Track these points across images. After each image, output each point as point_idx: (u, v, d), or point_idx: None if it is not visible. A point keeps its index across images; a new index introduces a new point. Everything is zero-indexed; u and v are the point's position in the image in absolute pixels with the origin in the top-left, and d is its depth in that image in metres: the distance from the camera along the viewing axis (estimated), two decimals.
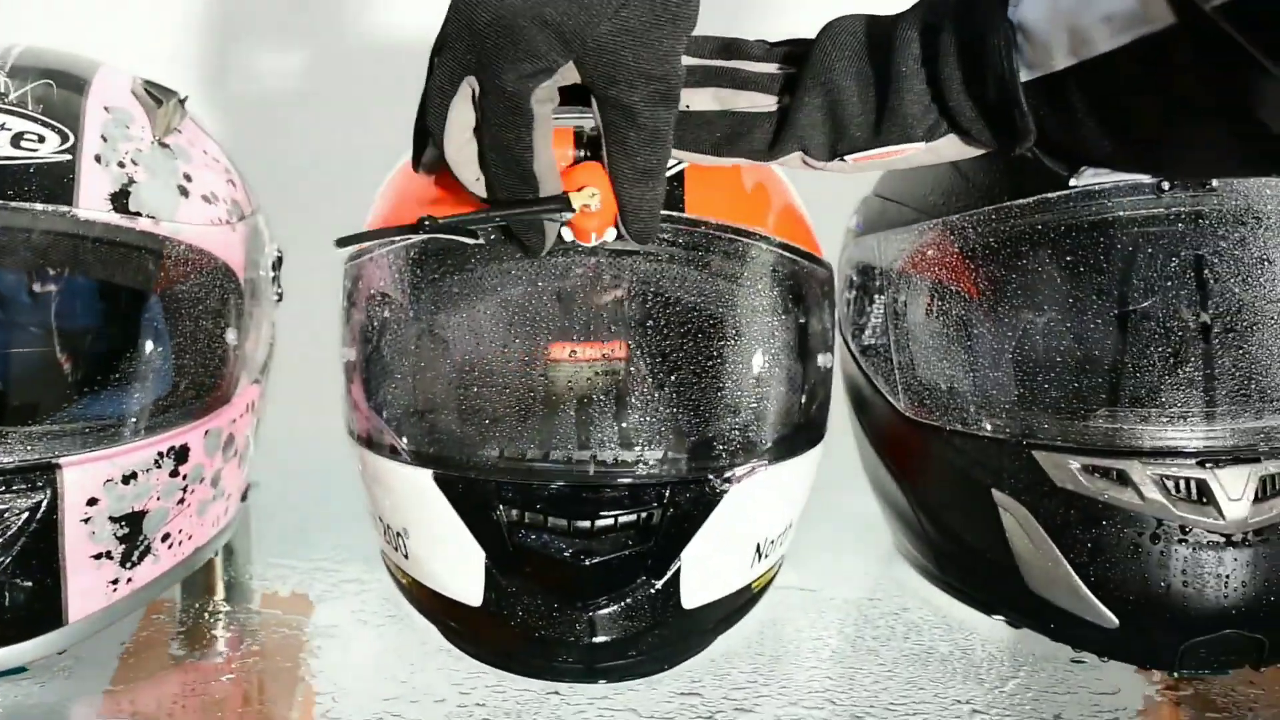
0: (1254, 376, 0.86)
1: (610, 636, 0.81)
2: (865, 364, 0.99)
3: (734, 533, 0.85)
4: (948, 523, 0.94)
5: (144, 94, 0.90)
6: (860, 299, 0.99)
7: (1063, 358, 0.88)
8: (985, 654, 0.91)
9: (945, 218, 0.92)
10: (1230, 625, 0.83)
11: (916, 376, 0.94)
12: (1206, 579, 0.83)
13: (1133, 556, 0.84)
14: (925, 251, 0.94)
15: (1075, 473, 0.86)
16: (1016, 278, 0.90)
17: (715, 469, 0.84)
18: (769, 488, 0.86)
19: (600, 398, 0.86)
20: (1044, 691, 0.85)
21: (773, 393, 0.87)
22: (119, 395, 0.84)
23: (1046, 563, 0.87)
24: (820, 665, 0.89)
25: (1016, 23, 0.70)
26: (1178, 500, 0.84)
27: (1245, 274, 0.87)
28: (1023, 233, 0.89)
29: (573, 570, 0.81)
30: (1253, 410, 0.86)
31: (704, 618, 0.85)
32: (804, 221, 0.94)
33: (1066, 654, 0.89)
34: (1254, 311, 0.87)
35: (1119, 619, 0.85)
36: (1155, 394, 0.86)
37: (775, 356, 0.88)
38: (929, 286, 0.93)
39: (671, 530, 0.82)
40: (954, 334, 0.92)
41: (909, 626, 0.94)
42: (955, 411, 0.91)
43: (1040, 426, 0.88)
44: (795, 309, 0.89)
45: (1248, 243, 0.87)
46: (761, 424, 0.87)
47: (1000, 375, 0.90)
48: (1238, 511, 0.83)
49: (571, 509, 0.82)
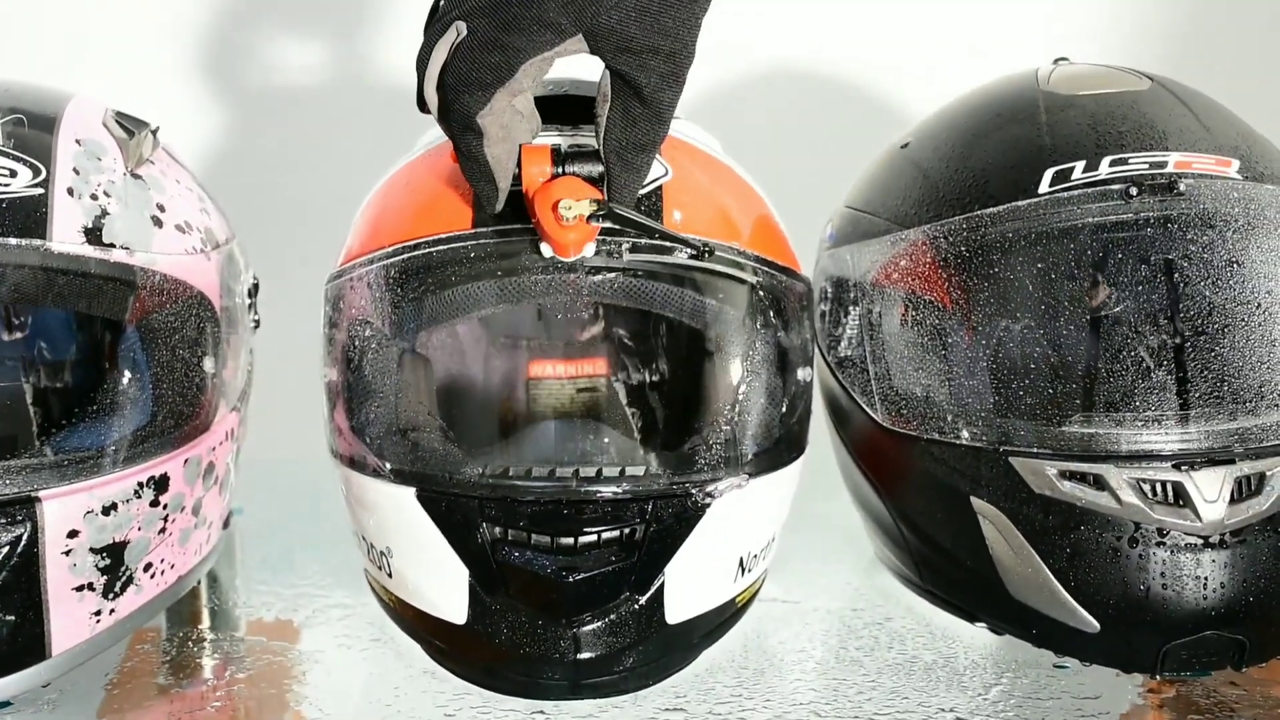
0: (1226, 378, 0.87)
1: (595, 653, 0.81)
2: (842, 376, 0.99)
3: (717, 547, 0.85)
4: (928, 531, 0.95)
5: (115, 125, 0.90)
6: (835, 311, 1.00)
7: (1037, 364, 0.89)
8: (968, 661, 0.91)
9: (917, 228, 0.93)
10: (1210, 627, 0.84)
11: (893, 387, 0.94)
12: (1185, 581, 0.84)
13: (1111, 560, 0.85)
14: (898, 262, 0.94)
15: (1052, 478, 0.86)
16: (989, 286, 0.90)
17: (697, 484, 0.84)
18: (751, 501, 0.87)
19: (581, 414, 0.87)
20: (1027, 698, 0.86)
21: (753, 407, 0.88)
22: (97, 427, 0.84)
23: (1026, 569, 0.87)
24: (804, 677, 0.89)
25: None
26: (1154, 503, 0.85)
27: (1215, 277, 0.88)
28: (994, 241, 0.90)
29: (556, 587, 0.81)
30: (1226, 412, 0.87)
31: (688, 633, 0.85)
32: (781, 235, 0.95)
33: (1049, 660, 0.90)
34: (1224, 314, 0.88)
35: (1099, 623, 0.85)
36: (1129, 398, 0.87)
37: (755, 371, 0.88)
38: (902, 297, 0.94)
39: (655, 546, 0.82)
40: (929, 344, 0.92)
41: (892, 636, 0.95)
42: (932, 420, 0.91)
43: (1016, 433, 0.88)
44: (774, 323, 0.89)
45: (1216, 246, 0.88)
46: (742, 438, 0.87)
47: (975, 383, 0.90)
48: (1214, 513, 0.84)
49: (554, 525, 0.82)
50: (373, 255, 0.88)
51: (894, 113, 1.48)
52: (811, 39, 1.55)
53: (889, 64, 1.53)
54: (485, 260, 0.84)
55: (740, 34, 1.51)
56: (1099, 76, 0.99)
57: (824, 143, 1.50)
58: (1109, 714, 0.85)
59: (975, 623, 0.93)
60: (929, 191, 0.94)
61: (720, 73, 1.50)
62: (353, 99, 1.49)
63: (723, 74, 1.51)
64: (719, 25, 1.48)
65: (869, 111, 1.53)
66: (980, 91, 1.02)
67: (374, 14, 1.51)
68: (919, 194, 0.95)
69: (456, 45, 0.76)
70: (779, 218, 0.96)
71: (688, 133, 0.95)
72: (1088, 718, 0.84)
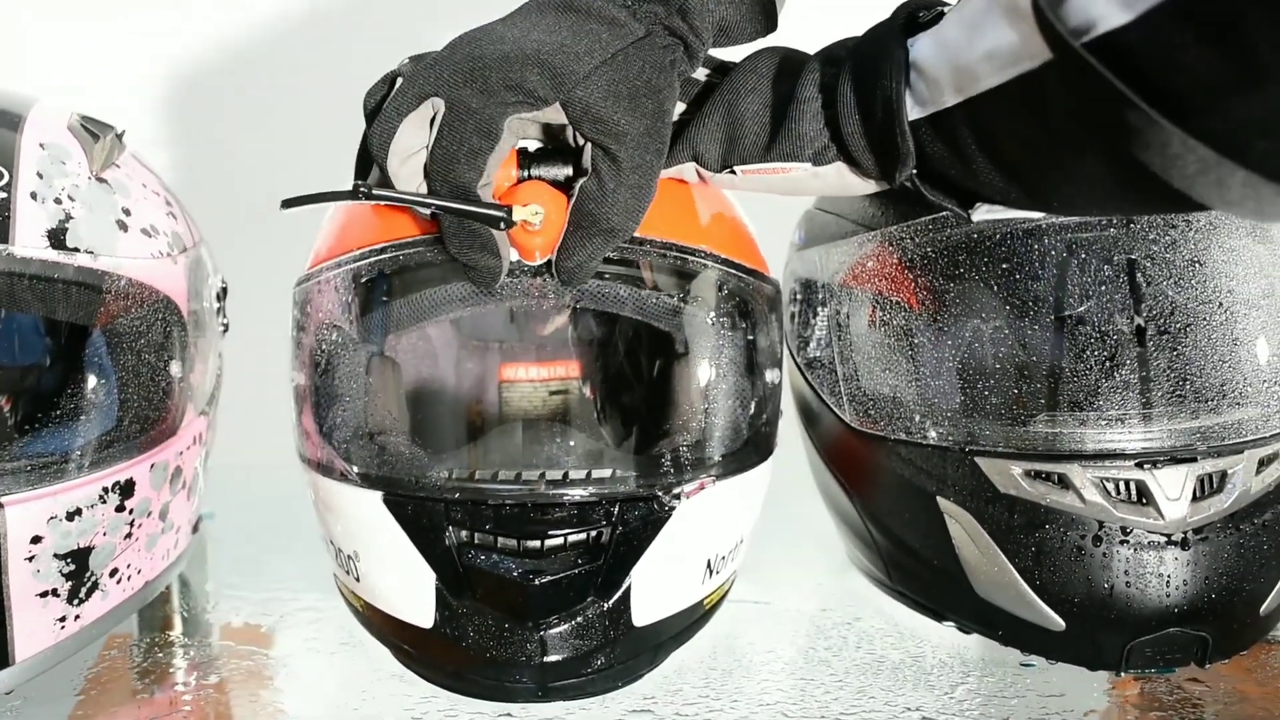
0: (1189, 377, 0.87)
1: (561, 655, 0.81)
2: (811, 377, 0.99)
3: (684, 549, 0.85)
4: (896, 531, 0.95)
5: (80, 129, 0.90)
6: (804, 312, 1.00)
7: (1002, 364, 0.89)
8: (936, 660, 0.92)
9: (883, 229, 0.93)
10: (1173, 624, 0.84)
11: (861, 388, 0.95)
12: (1149, 579, 0.84)
13: (1076, 559, 0.85)
14: (865, 263, 0.95)
15: (1017, 478, 0.87)
16: (955, 287, 0.91)
17: (664, 486, 0.84)
18: (719, 503, 0.87)
19: (548, 417, 0.87)
20: (993, 696, 0.86)
21: (721, 409, 0.88)
22: (62, 432, 0.84)
23: (992, 568, 0.88)
24: (772, 678, 0.89)
25: (912, 61, 0.74)
26: (1118, 502, 0.85)
27: (1177, 276, 0.89)
28: (959, 242, 0.90)
29: (522, 590, 0.81)
30: (1189, 410, 0.87)
31: (656, 635, 0.85)
32: (749, 238, 0.95)
33: (1016, 658, 0.90)
34: (1187, 313, 0.88)
35: (1065, 621, 0.86)
36: (1093, 397, 0.87)
37: (723, 373, 0.88)
38: (870, 298, 0.94)
39: (621, 548, 0.82)
40: (896, 344, 0.93)
41: (861, 636, 0.95)
42: (899, 421, 0.92)
43: (982, 433, 0.89)
44: (742, 325, 0.90)
45: (1179, 245, 0.89)
46: (710, 440, 0.87)
47: (942, 384, 0.91)
48: (1177, 511, 0.84)
49: (520, 529, 0.82)
50: (339, 259, 0.88)
51: None
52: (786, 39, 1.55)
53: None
54: (451, 264, 0.84)
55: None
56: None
57: None
58: (1074, 711, 0.85)
59: (943, 622, 0.94)
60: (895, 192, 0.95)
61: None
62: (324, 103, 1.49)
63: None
64: None
65: None
66: None
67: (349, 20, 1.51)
68: (885, 195, 0.95)
69: (440, 122, 0.77)
70: (747, 220, 0.96)
71: None
72: (1053, 716, 0.84)
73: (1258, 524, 0.86)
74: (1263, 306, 0.90)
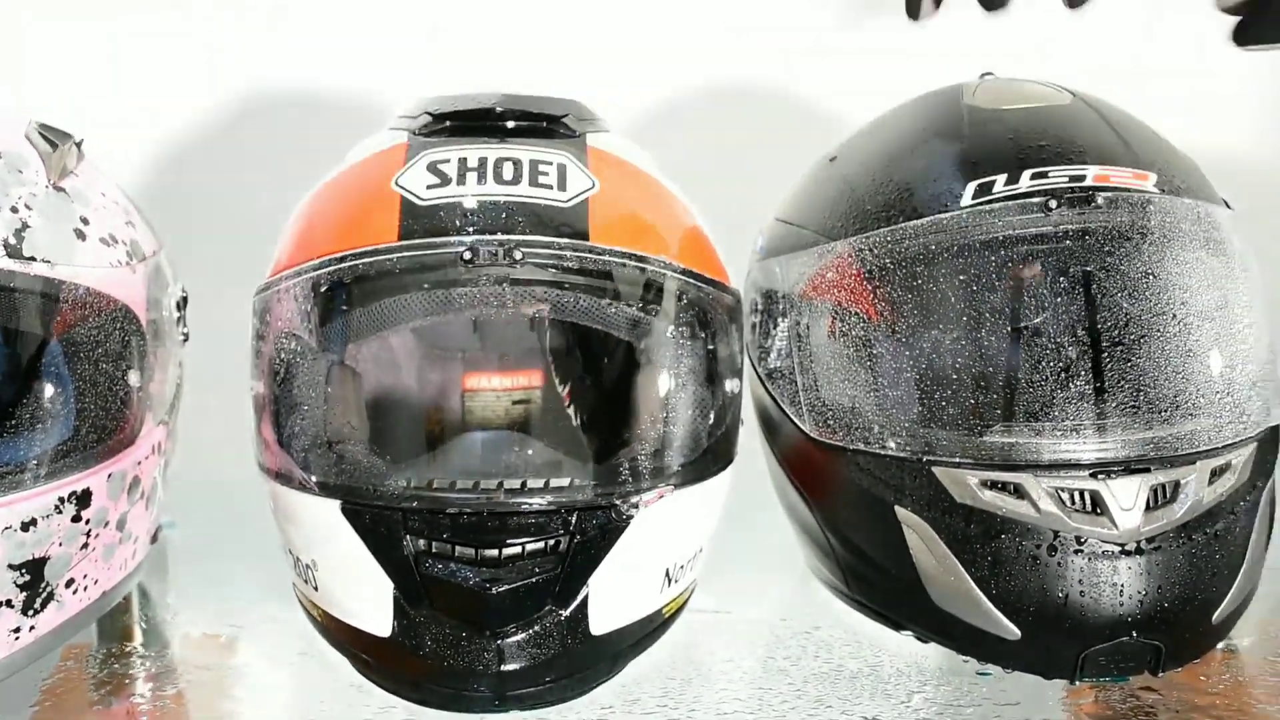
0: (1142, 388, 0.88)
1: (519, 664, 0.82)
2: (771, 387, 1.00)
3: (642, 558, 0.86)
4: (854, 541, 0.96)
5: (38, 138, 0.90)
6: (765, 322, 1.01)
7: (959, 375, 0.90)
8: (893, 669, 0.92)
9: (843, 240, 0.94)
10: (1127, 632, 0.85)
11: (820, 398, 0.95)
12: (1102, 588, 0.85)
13: (1031, 568, 0.86)
14: (824, 274, 0.95)
15: (974, 488, 0.88)
16: (912, 298, 0.91)
17: (622, 495, 0.84)
18: (677, 512, 0.87)
19: (506, 426, 0.87)
20: (948, 705, 0.87)
21: (680, 418, 0.88)
22: (17, 442, 0.83)
23: (949, 577, 0.88)
24: (730, 687, 0.90)
25: None
26: (1072, 511, 0.86)
27: (1131, 288, 0.90)
28: (917, 254, 0.91)
29: (480, 599, 0.81)
30: (1142, 421, 0.88)
31: (613, 644, 0.86)
32: (710, 248, 0.95)
33: (973, 667, 0.91)
34: (1140, 325, 0.90)
35: (1020, 630, 0.87)
36: (1048, 408, 0.88)
37: (682, 382, 0.89)
38: (829, 309, 0.95)
39: (578, 557, 0.83)
40: (854, 355, 0.93)
41: (819, 645, 0.96)
42: (858, 431, 0.92)
43: (939, 443, 0.89)
44: (701, 335, 0.90)
45: (1133, 258, 0.90)
46: (668, 449, 0.88)
47: (900, 394, 0.91)
48: (1130, 521, 0.85)
49: (478, 538, 0.82)
50: (300, 267, 0.88)
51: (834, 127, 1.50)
52: (752, 56, 1.56)
53: (833, 80, 1.55)
54: (411, 273, 0.84)
55: (681, 50, 1.52)
56: (1022, 91, 1.00)
57: (766, 156, 1.51)
58: None
59: (901, 631, 0.94)
60: (855, 204, 0.95)
61: (662, 88, 1.51)
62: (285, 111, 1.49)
63: (664, 89, 1.52)
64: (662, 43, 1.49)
65: (808, 126, 1.55)
66: (906, 106, 1.03)
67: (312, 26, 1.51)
68: (845, 207, 0.96)
69: None
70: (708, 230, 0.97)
71: (617, 146, 0.96)
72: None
73: (1210, 534, 0.87)
74: (1216, 318, 0.92)
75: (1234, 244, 0.94)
